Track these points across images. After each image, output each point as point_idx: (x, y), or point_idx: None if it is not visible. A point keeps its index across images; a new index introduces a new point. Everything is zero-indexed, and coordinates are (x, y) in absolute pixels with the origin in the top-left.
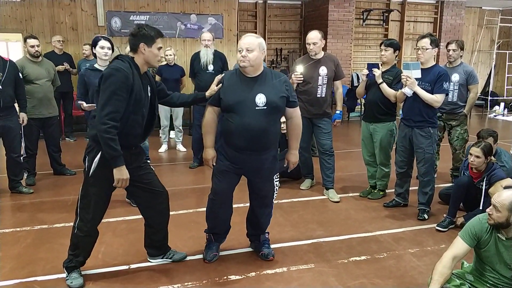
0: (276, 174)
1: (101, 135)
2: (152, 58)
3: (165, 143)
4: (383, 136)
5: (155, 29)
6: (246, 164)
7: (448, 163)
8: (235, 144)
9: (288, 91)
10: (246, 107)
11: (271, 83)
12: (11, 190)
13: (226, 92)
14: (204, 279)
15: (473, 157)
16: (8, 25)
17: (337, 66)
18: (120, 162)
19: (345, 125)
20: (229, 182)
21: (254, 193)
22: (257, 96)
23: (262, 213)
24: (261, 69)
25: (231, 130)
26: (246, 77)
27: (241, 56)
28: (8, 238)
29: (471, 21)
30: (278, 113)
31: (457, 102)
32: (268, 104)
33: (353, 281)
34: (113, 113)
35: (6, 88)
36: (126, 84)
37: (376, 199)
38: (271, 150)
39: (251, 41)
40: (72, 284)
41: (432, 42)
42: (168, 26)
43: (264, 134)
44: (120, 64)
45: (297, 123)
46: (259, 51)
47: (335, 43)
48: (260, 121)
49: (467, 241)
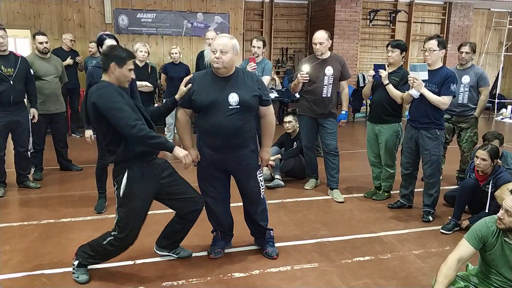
0: (259, 170)
1: (139, 139)
2: (122, 79)
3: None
4: (388, 137)
5: (128, 51)
6: (225, 162)
7: (454, 165)
8: (212, 143)
9: (260, 90)
10: (220, 106)
11: (243, 82)
12: (18, 185)
13: (198, 93)
14: (209, 276)
15: (479, 160)
16: (16, 22)
17: (343, 66)
18: (171, 144)
19: (351, 126)
20: (217, 182)
21: (241, 192)
22: (229, 95)
23: (254, 211)
24: (233, 69)
25: (206, 130)
26: (218, 77)
27: (215, 57)
28: (16, 231)
29: (479, 23)
30: (251, 111)
31: (467, 104)
32: (241, 103)
33: (357, 281)
34: (129, 115)
35: (17, 84)
36: (117, 91)
37: (380, 200)
38: (248, 146)
39: (225, 43)
40: (78, 279)
41: (440, 43)
42: (175, 24)
43: (238, 132)
44: (101, 83)
45: (270, 121)
46: (233, 53)
47: (342, 43)
48: (233, 120)
49: (472, 244)
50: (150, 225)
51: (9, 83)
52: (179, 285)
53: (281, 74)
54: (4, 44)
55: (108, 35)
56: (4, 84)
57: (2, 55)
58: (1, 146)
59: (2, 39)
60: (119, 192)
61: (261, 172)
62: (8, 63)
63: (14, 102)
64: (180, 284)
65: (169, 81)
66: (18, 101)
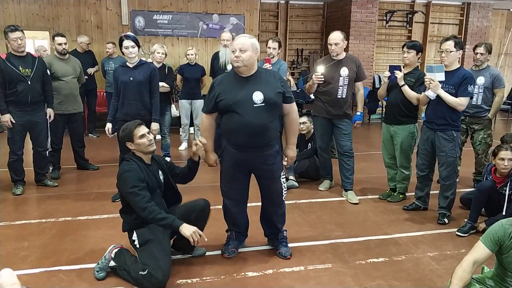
0: (282, 171)
1: (149, 220)
2: (142, 148)
3: (185, 141)
4: (404, 139)
5: (129, 124)
6: (250, 161)
7: (470, 168)
8: (237, 142)
9: (283, 87)
10: (245, 105)
11: (266, 80)
12: (36, 183)
13: (222, 94)
14: (222, 275)
15: (506, 161)
16: (36, 23)
17: (359, 67)
18: (178, 223)
19: (366, 127)
20: (237, 183)
21: (263, 192)
22: (254, 94)
23: (274, 212)
24: (255, 68)
25: (232, 129)
26: (241, 77)
27: (234, 56)
28: (34, 228)
29: (498, 23)
30: (276, 109)
31: (481, 105)
32: (265, 101)
33: (370, 282)
34: (141, 199)
35: (34, 84)
36: (138, 176)
37: (395, 202)
38: (273, 145)
39: (244, 42)
40: (96, 274)
41: (456, 44)
42: (190, 26)
43: (264, 130)
44: (126, 165)
45: (294, 118)
46: (252, 51)
47: (357, 44)
48: (259, 118)
49: (488, 246)
50: None
51: (27, 83)
52: (193, 283)
53: (296, 75)
54: (22, 45)
55: (127, 36)
56: (22, 84)
57: (20, 56)
58: (19, 145)
59: (20, 41)
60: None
61: (284, 174)
62: (25, 64)
63: (31, 102)
64: (194, 282)
65: (185, 82)
66: (35, 101)
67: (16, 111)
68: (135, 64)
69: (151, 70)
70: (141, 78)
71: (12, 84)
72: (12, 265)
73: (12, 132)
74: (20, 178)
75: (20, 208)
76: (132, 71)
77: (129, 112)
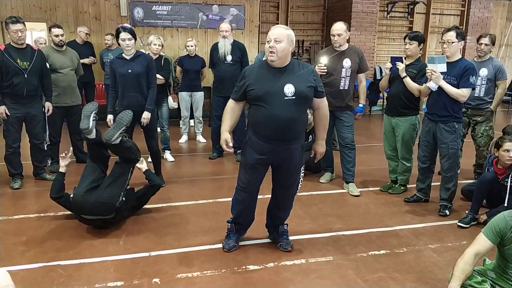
0: (302, 166)
1: None
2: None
3: (186, 134)
4: (405, 130)
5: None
6: (275, 154)
7: (471, 160)
8: (265, 134)
9: (315, 81)
10: (275, 97)
11: (298, 73)
12: (35, 177)
13: (253, 84)
14: (223, 268)
15: (511, 152)
16: (33, 15)
17: (361, 58)
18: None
19: (367, 119)
20: (257, 175)
21: (280, 184)
22: (285, 86)
23: (285, 205)
24: (288, 60)
25: (260, 120)
26: (274, 68)
27: (269, 46)
28: (33, 223)
29: (499, 14)
30: (307, 103)
31: (483, 97)
32: (296, 94)
33: (372, 275)
34: None
35: (31, 77)
36: None
37: (397, 194)
38: (300, 139)
39: (280, 32)
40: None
41: (458, 35)
42: (190, 17)
43: (293, 124)
44: None
45: (324, 113)
46: (287, 43)
47: (359, 35)
48: (289, 111)
49: (490, 238)
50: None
51: (24, 76)
52: (193, 277)
53: None
54: (22, 37)
55: (123, 28)
56: (18, 77)
57: (20, 48)
58: (15, 138)
59: (21, 33)
60: None
61: (303, 169)
62: (24, 56)
63: (27, 96)
64: (195, 276)
65: (185, 74)
66: (31, 94)
67: (11, 104)
68: (131, 55)
69: (148, 61)
70: (139, 70)
71: (8, 76)
72: (10, 260)
73: (7, 125)
74: (18, 172)
75: (18, 202)
76: (130, 63)
77: (130, 104)
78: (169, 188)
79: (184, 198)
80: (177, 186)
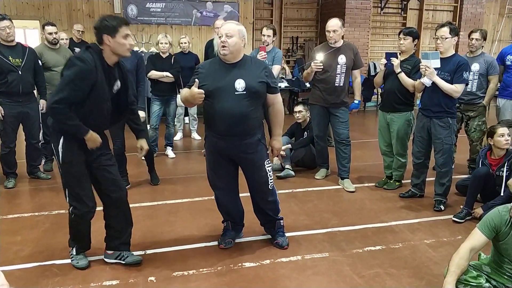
0: (266, 160)
1: (54, 118)
2: (119, 48)
3: (180, 131)
4: (400, 126)
5: (118, 18)
6: (230, 150)
7: (465, 155)
8: (217, 130)
9: (267, 77)
10: (226, 92)
11: (250, 69)
12: (29, 175)
13: (205, 79)
14: (219, 266)
15: (506, 136)
16: (25, 12)
17: (356, 55)
18: (85, 130)
19: (361, 115)
20: (222, 171)
21: (248, 181)
22: (236, 81)
23: (261, 199)
24: (240, 56)
25: (212, 115)
26: (226, 63)
27: (220, 41)
28: (27, 222)
29: (492, 10)
30: (258, 98)
31: (476, 92)
32: (247, 89)
33: (368, 271)
34: (64, 99)
35: (26, 74)
36: (86, 76)
37: (392, 190)
38: (255, 135)
39: (231, 27)
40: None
41: (452, 31)
42: (184, 14)
43: (244, 119)
44: (86, 56)
45: (279, 109)
46: (239, 38)
47: (352, 32)
48: (240, 106)
49: (485, 233)
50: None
51: (18, 73)
52: (189, 275)
53: (291, 63)
54: (11, 34)
55: None
56: (13, 74)
57: (10, 45)
58: (12, 138)
59: (9, 30)
60: (59, 158)
61: (269, 162)
62: (16, 54)
63: (23, 93)
64: (191, 274)
65: None
66: (27, 92)
67: (8, 103)
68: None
69: (138, 58)
70: (128, 66)
71: (2, 74)
72: (5, 260)
73: (4, 125)
74: (12, 171)
75: (12, 201)
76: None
77: None
78: (164, 186)
79: (179, 196)
80: (172, 184)
